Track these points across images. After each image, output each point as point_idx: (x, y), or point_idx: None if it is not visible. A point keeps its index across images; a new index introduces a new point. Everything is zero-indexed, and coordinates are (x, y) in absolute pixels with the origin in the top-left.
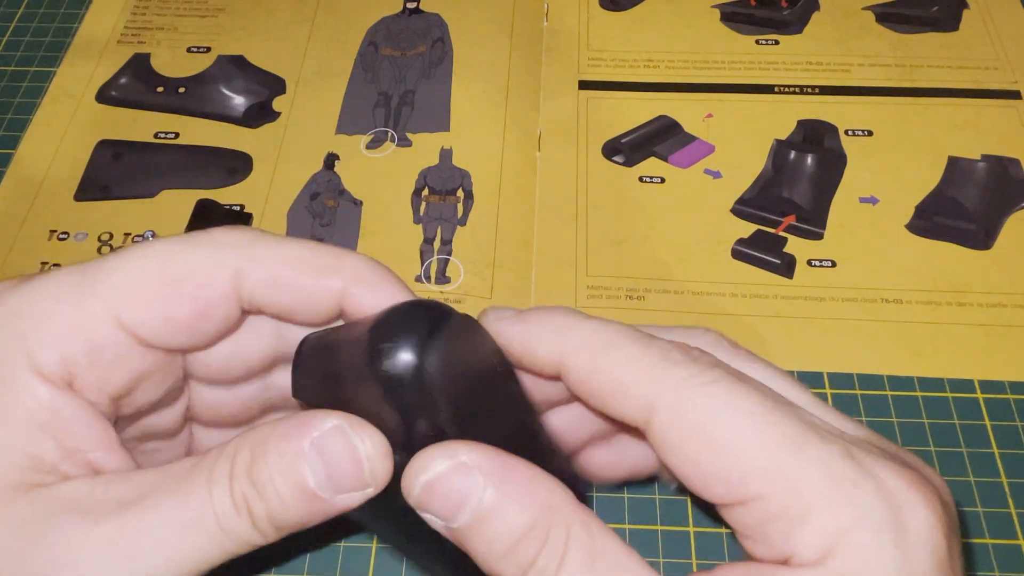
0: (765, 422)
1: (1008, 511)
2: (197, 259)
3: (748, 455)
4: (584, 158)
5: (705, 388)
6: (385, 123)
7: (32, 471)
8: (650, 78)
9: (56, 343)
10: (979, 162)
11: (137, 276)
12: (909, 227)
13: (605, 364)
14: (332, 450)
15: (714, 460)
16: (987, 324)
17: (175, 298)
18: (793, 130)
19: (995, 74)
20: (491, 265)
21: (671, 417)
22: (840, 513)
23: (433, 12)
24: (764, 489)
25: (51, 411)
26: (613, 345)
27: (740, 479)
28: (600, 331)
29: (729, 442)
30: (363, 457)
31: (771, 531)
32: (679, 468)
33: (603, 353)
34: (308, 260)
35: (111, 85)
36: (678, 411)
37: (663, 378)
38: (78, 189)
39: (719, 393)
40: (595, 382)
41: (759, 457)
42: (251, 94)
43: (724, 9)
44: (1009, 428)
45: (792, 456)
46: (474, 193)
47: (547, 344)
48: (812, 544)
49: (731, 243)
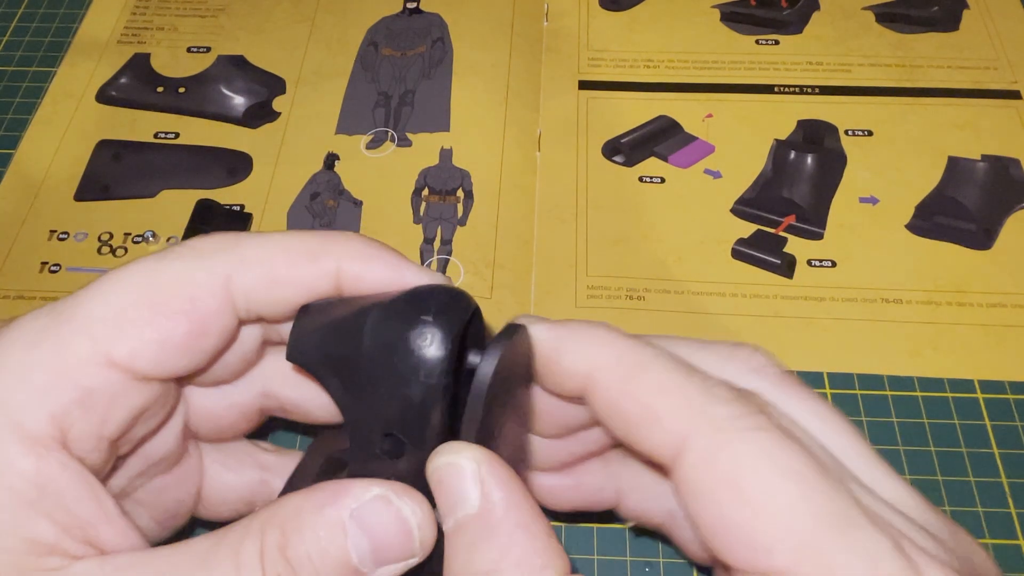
0: (810, 488)
1: (1008, 511)
2: (182, 272)
3: (784, 521)
4: (584, 158)
5: (746, 434)
6: (385, 123)
7: (31, 555)
8: (650, 78)
9: (42, 400)
10: (979, 162)
11: (120, 303)
12: (909, 227)
13: (638, 387)
14: (376, 521)
15: (743, 517)
16: (987, 324)
17: (166, 318)
18: (793, 130)
19: (995, 74)
20: (491, 265)
21: (703, 459)
22: None
23: (433, 12)
24: (794, 566)
25: (39, 486)
26: (650, 368)
27: (768, 547)
28: (637, 351)
29: (765, 501)
30: (413, 527)
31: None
32: (701, 517)
33: (637, 375)
34: (299, 249)
35: (111, 85)
36: (713, 453)
37: (701, 414)
38: (78, 189)
39: (762, 442)
40: (624, 405)
41: (796, 527)
42: (251, 94)
43: (724, 9)
44: (1009, 428)
45: (835, 536)
46: (474, 193)
47: (577, 356)
48: None
49: (731, 243)
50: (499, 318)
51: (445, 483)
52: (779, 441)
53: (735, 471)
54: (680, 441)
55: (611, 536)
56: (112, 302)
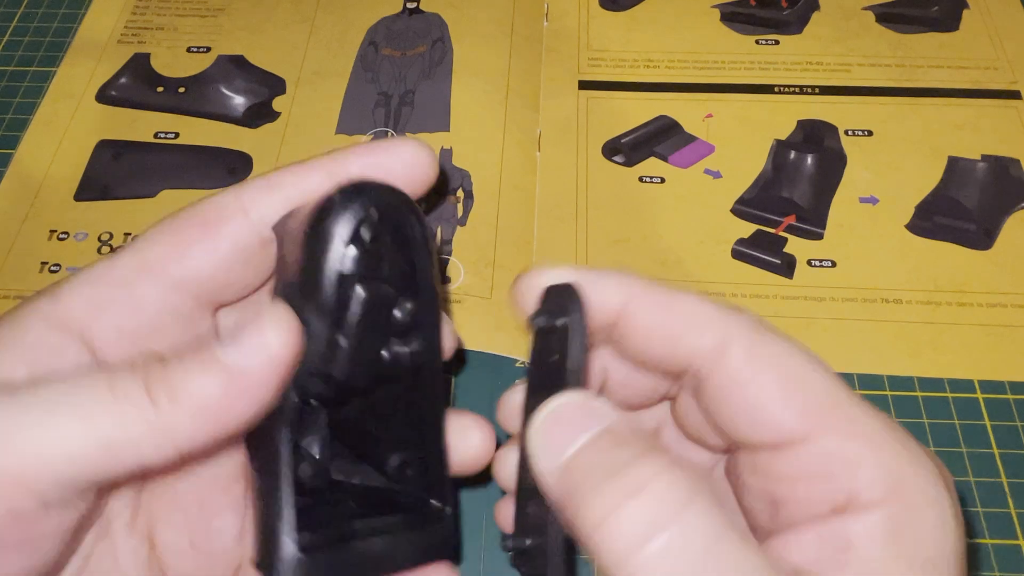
0: (826, 372)
1: (1008, 511)
2: (206, 203)
3: (820, 393)
4: (584, 158)
5: (771, 334)
6: (385, 123)
7: None
8: (650, 78)
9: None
10: (979, 162)
11: (162, 228)
12: (909, 227)
13: (677, 305)
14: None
15: (790, 393)
16: (987, 324)
17: (198, 236)
18: (793, 130)
19: (995, 74)
20: (491, 265)
21: (747, 350)
22: (894, 453)
23: (433, 12)
24: (834, 425)
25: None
26: (675, 293)
27: (810, 412)
28: (656, 283)
29: (804, 378)
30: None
31: (832, 471)
32: (749, 400)
33: (671, 297)
34: (293, 165)
35: (111, 85)
36: (753, 346)
37: (734, 320)
38: (78, 189)
39: (783, 341)
40: (668, 320)
41: (828, 396)
42: (251, 94)
43: (724, 9)
44: (1009, 428)
45: (853, 404)
46: (474, 193)
47: (611, 289)
48: (877, 481)
49: (731, 243)
50: (499, 318)
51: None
52: (792, 342)
53: (776, 358)
54: (723, 340)
55: None
56: (156, 231)
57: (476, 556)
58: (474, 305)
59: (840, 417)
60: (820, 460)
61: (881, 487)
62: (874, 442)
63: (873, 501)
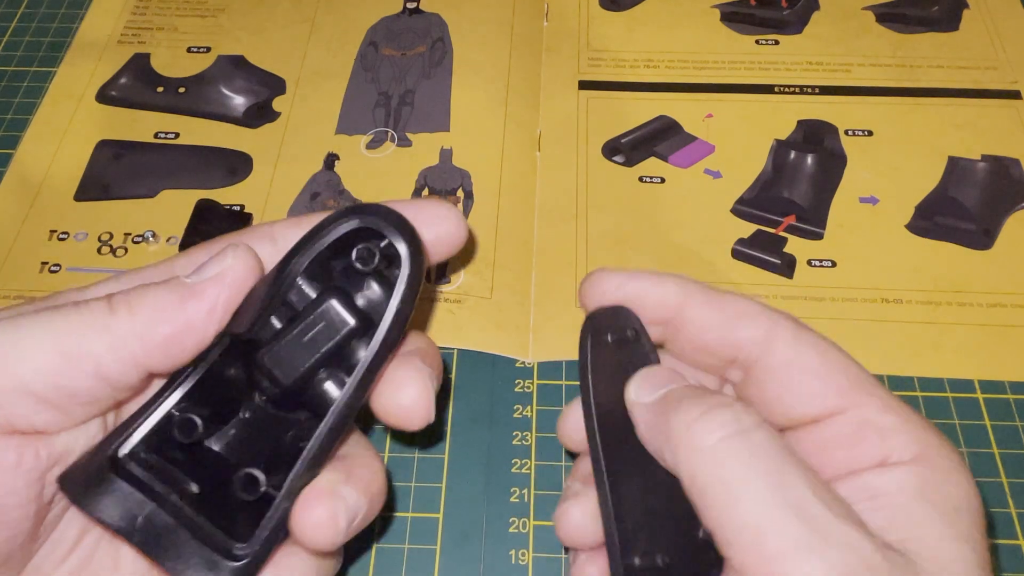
0: (855, 361)
1: (1008, 511)
2: None
3: (853, 375)
4: (584, 158)
5: (808, 328)
6: (385, 123)
7: None
8: (650, 78)
9: None
10: (979, 162)
11: None
12: (909, 227)
13: (729, 300)
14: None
15: (830, 373)
16: (987, 324)
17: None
18: (793, 130)
19: (995, 74)
20: (491, 265)
21: (793, 336)
22: (921, 427)
23: (433, 12)
24: (867, 402)
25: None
26: (723, 291)
27: (847, 389)
28: (706, 285)
29: (839, 363)
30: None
31: (866, 437)
32: (795, 379)
33: (724, 294)
34: None
35: (111, 85)
36: (796, 336)
37: (777, 315)
38: (78, 189)
39: (818, 334)
40: (723, 312)
41: (860, 379)
42: (251, 94)
43: (724, 9)
44: (1009, 428)
45: (880, 387)
46: (474, 193)
47: (668, 289)
48: (907, 446)
49: (731, 243)
50: (499, 318)
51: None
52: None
53: (816, 344)
54: (771, 327)
55: None
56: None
57: (476, 557)
58: (474, 305)
59: (872, 395)
60: (855, 429)
61: (911, 451)
62: (902, 416)
63: (903, 461)
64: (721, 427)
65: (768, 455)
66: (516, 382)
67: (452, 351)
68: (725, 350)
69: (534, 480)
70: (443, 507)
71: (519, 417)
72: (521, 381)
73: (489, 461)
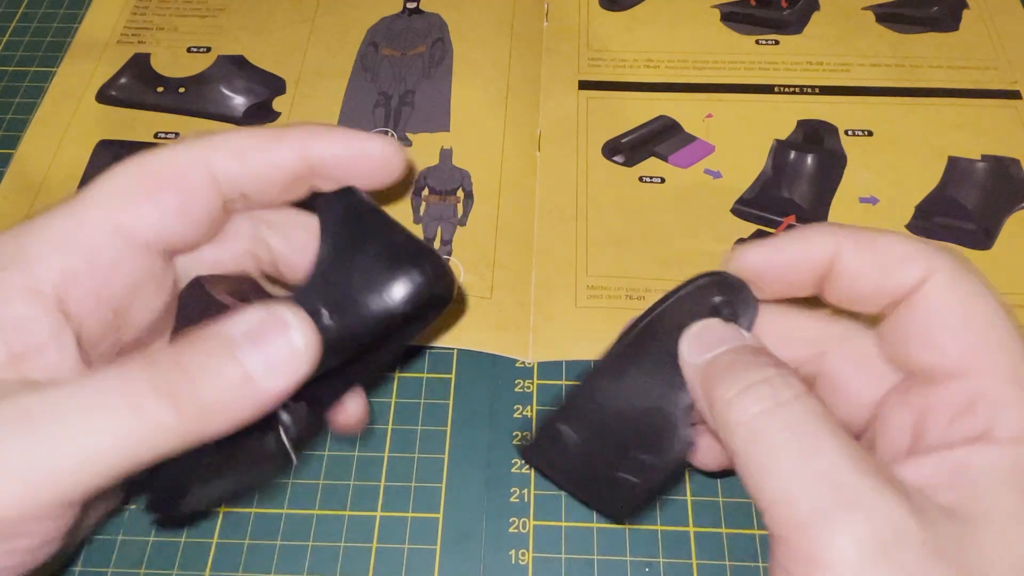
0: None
1: None
2: (169, 157)
3: (992, 334)
4: (584, 158)
5: (972, 274)
6: (385, 123)
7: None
8: (650, 78)
9: (54, 253)
10: (979, 162)
11: (123, 183)
12: (909, 227)
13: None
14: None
15: (965, 327)
16: None
17: (160, 190)
18: (793, 130)
19: (995, 74)
20: (491, 265)
21: (943, 284)
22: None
23: (433, 12)
24: (991, 367)
25: (16, 323)
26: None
27: (976, 350)
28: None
29: (983, 318)
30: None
31: (977, 407)
32: (926, 325)
33: (878, 234)
34: (265, 134)
35: (111, 85)
36: (951, 281)
37: (938, 254)
38: (78, 189)
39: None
40: (877, 257)
41: (999, 339)
42: (251, 94)
43: (724, 9)
44: None
45: (1017, 353)
46: (474, 193)
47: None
48: (1013, 423)
49: (731, 243)
50: (499, 318)
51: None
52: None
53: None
54: (928, 271)
55: (611, 536)
56: (117, 183)
57: (476, 557)
58: (474, 305)
59: (1001, 361)
60: (970, 396)
61: (1016, 429)
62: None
63: (1004, 439)
64: (757, 402)
65: (803, 426)
66: (516, 382)
67: (452, 351)
68: (879, 299)
69: (534, 480)
70: (443, 507)
71: (519, 417)
72: (521, 381)
73: (489, 461)
